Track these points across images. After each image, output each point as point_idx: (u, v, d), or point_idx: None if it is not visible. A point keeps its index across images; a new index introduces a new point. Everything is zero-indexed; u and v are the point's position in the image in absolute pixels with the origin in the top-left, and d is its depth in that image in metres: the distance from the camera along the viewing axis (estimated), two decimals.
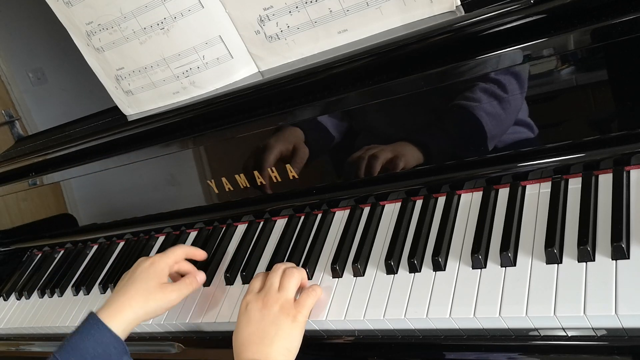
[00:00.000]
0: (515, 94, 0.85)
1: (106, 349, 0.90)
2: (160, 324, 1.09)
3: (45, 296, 1.35)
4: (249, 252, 1.12)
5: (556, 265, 0.78)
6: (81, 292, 1.30)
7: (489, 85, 0.86)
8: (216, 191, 1.18)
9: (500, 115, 0.87)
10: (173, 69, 1.11)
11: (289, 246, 1.07)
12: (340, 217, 1.07)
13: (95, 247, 1.43)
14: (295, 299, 0.91)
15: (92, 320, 0.92)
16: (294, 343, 0.87)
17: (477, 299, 0.80)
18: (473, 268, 0.84)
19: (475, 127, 0.89)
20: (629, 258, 0.74)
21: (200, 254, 1.09)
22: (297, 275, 0.94)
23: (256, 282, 0.96)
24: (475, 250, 0.85)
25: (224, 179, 1.15)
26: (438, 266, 0.87)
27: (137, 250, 1.30)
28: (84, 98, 1.30)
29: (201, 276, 1.04)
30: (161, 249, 1.27)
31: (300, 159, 1.06)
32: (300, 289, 0.95)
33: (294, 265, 0.99)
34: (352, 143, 1.01)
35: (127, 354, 0.92)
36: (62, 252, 1.49)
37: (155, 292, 0.96)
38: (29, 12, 1.26)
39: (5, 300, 1.45)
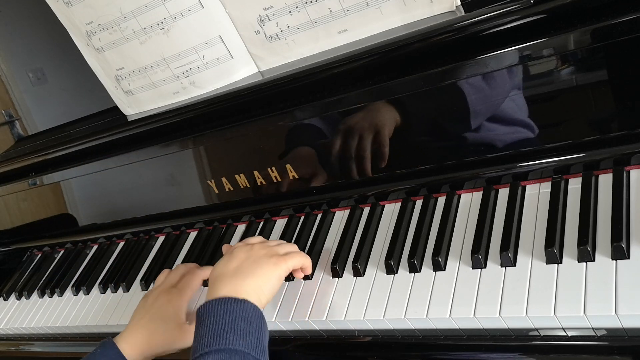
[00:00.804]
0: (515, 91, 0.85)
1: None
2: None
3: (45, 296, 1.35)
4: None
5: (556, 265, 0.78)
6: (81, 292, 1.30)
7: (489, 79, 0.85)
8: (216, 191, 1.18)
9: (494, 89, 0.86)
10: (173, 69, 1.11)
11: None
12: (340, 217, 1.07)
13: (95, 247, 1.43)
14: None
15: (110, 349, 0.93)
16: (268, 284, 0.86)
17: (477, 299, 0.80)
18: (473, 268, 0.84)
19: (476, 118, 0.88)
20: (629, 258, 0.74)
21: (204, 273, 1.08)
22: (295, 246, 0.95)
23: (253, 238, 0.97)
24: (475, 250, 0.85)
25: (224, 179, 1.15)
26: (438, 266, 0.87)
27: (137, 250, 1.30)
28: (84, 98, 1.30)
29: None
30: (161, 249, 1.27)
31: (299, 158, 1.06)
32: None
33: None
34: (353, 143, 1.01)
35: None
36: (62, 252, 1.49)
37: (174, 335, 0.96)
38: (29, 12, 1.26)
39: (5, 300, 1.45)
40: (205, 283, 1.09)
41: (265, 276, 0.87)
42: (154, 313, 0.98)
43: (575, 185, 0.86)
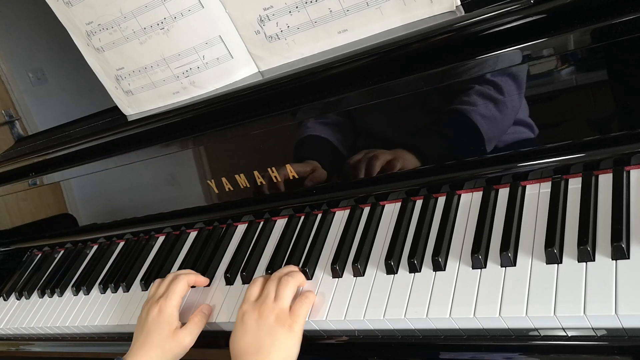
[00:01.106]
0: (513, 95, 0.85)
1: None
2: None
3: (45, 296, 1.35)
4: (249, 252, 1.12)
5: (556, 265, 0.78)
6: (81, 292, 1.30)
7: (486, 88, 0.86)
8: (216, 191, 1.18)
9: (496, 118, 0.87)
10: (173, 69, 1.11)
11: (289, 246, 1.07)
12: (340, 217, 1.07)
13: (95, 247, 1.43)
14: (290, 307, 0.92)
15: None
16: (291, 352, 0.88)
17: (477, 299, 0.80)
18: (473, 268, 0.84)
19: (472, 130, 0.89)
20: (629, 258, 0.74)
21: (202, 281, 1.09)
22: (292, 283, 0.94)
23: (253, 290, 0.96)
24: (475, 250, 0.85)
25: (224, 179, 1.15)
26: (438, 266, 0.87)
27: (137, 250, 1.30)
28: (84, 98, 1.30)
29: (208, 309, 1.04)
30: (161, 249, 1.27)
31: (300, 159, 1.07)
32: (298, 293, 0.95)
33: (290, 270, 0.99)
34: (352, 143, 1.01)
35: None
36: (62, 252, 1.49)
37: (170, 342, 0.99)
38: (29, 12, 1.26)
39: (5, 300, 1.45)
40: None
41: (285, 347, 0.88)
42: (149, 326, 1.01)
43: (575, 185, 0.86)
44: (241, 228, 1.19)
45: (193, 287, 1.11)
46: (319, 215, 1.09)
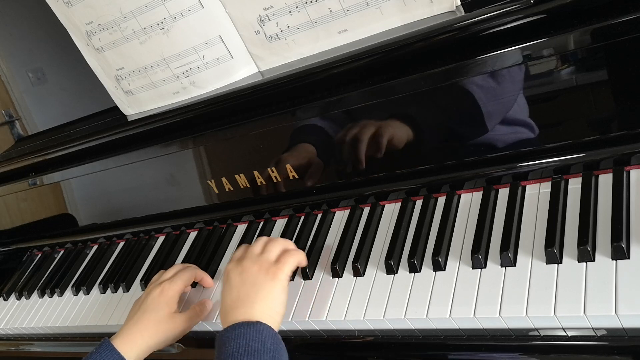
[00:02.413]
0: (515, 91, 0.85)
1: None
2: None
3: (45, 296, 1.36)
4: None
5: (556, 265, 0.78)
6: (81, 292, 1.30)
7: (489, 79, 0.86)
8: (216, 191, 1.18)
9: (500, 106, 0.86)
10: (173, 69, 1.11)
11: None
12: (340, 217, 1.07)
13: (95, 247, 1.43)
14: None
15: (106, 348, 0.94)
16: (276, 301, 0.87)
17: (477, 299, 0.80)
18: (473, 268, 0.84)
19: (476, 118, 0.88)
20: (629, 258, 0.74)
21: (208, 281, 1.09)
22: (282, 241, 0.94)
23: (239, 251, 0.96)
24: (475, 250, 0.85)
25: (224, 179, 1.15)
26: (438, 266, 0.87)
27: (137, 250, 1.30)
28: (84, 98, 1.30)
29: (209, 305, 1.04)
30: (161, 249, 1.27)
31: (299, 158, 1.06)
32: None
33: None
34: (353, 143, 1.01)
35: None
36: (62, 252, 1.49)
37: (166, 323, 0.98)
38: (29, 12, 1.26)
39: (5, 300, 1.45)
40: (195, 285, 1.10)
41: (270, 295, 0.87)
42: (147, 305, 0.99)
43: (575, 185, 0.86)
44: (241, 228, 1.19)
45: (195, 286, 1.11)
46: (319, 215, 1.09)
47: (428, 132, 0.95)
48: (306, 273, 0.98)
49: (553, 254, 0.78)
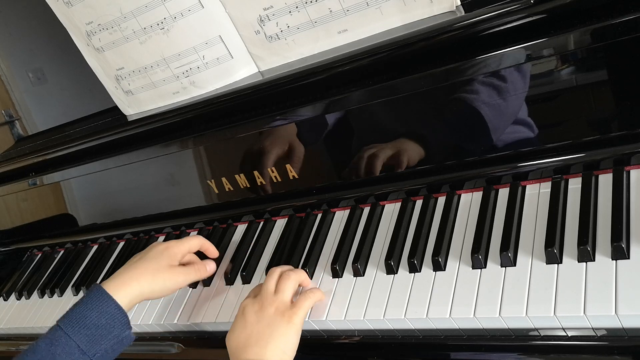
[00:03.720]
0: (517, 89, 0.85)
1: (110, 320, 0.89)
2: (160, 323, 1.09)
3: (45, 296, 1.36)
4: (249, 252, 1.12)
5: (556, 265, 0.78)
6: (81, 292, 1.30)
7: (488, 79, 0.86)
8: (216, 191, 1.18)
9: (500, 106, 0.87)
10: (173, 69, 1.11)
11: (289, 246, 1.07)
12: (340, 217, 1.07)
13: (95, 247, 1.43)
14: (293, 301, 0.91)
15: (97, 291, 0.92)
16: (289, 344, 0.87)
17: (477, 299, 0.80)
18: (473, 268, 0.84)
19: (476, 118, 0.89)
20: (629, 258, 0.74)
21: (213, 251, 1.09)
22: (294, 277, 0.94)
23: (255, 288, 0.96)
24: (475, 250, 0.85)
25: (224, 179, 1.15)
26: (438, 266, 0.87)
27: (137, 250, 1.30)
28: (84, 98, 1.30)
29: (211, 266, 1.04)
30: None
31: (299, 159, 1.07)
32: (300, 290, 0.95)
33: (291, 267, 0.99)
34: (352, 143, 1.01)
35: (129, 328, 0.92)
36: (62, 252, 1.49)
37: (164, 272, 0.97)
38: (29, 12, 1.26)
39: (5, 300, 1.45)
40: (205, 283, 1.09)
41: (284, 338, 0.87)
42: (148, 255, 0.99)
43: (575, 185, 0.86)
44: (241, 228, 1.19)
45: (195, 287, 1.11)
46: (319, 215, 1.09)
47: (428, 132, 0.95)
48: (306, 273, 0.98)
49: (553, 254, 0.78)
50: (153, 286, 0.96)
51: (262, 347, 0.86)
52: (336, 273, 0.96)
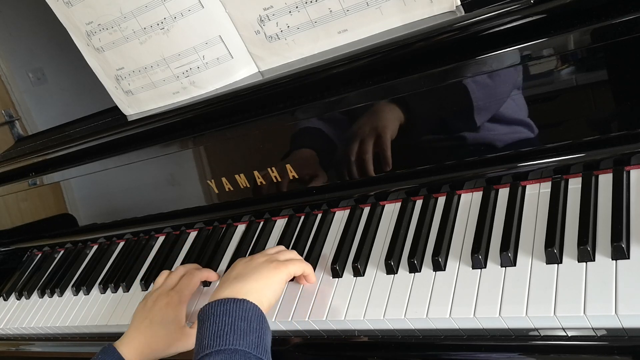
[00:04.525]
0: (514, 91, 0.85)
1: None
2: None
3: (45, 296, 1.35)
4: (248, 252, 1.12)
5: (556, 265, 0.78)
6: (81, 292, 1.30)
7: (489, 79, 0.86)
8: (216, 191, 1.18)
9: (494, 89, 0.86)
10: (173, 69, 1.11)
11: (289, 246, 1.07)
12: (340, 217, 1.07)
13: (95, 247, 1.43)
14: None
15: (112, 356, 0.93)
16: (271, 288, 0.87)
17: (477, 299, 0.80)
18: (473, 268, 0.84)
19: (470, 102, 0.88)
20: (629, 258, 0.74)
21: (213, 276, 1.09)
22: (295, 253, 0.95)
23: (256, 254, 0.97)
24: (475, 250, 0.85)
25: (224, 179, 1.15)
26: (438, 266, 0.87)
27: (137, 250, 1.30)
28: (84, 98, 1.30)
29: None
30: (161, 249, 1.27)
31: (299, 158, 1.07)
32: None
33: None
34: (353, 143, 1.01)
35: None
36: (62, 252, 1.49)
37: (175, 338, 0.96)
38: (29, 12, 1.26)
39: (5, 300, 1.45)
40: (204, 284, 1.09)
41: (265, 279, 0.87)
42: (154, 316, 0.98)
43: (575, 185, 0.86)
44: (241, 228, 1.19)
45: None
46: (319, 215, 1.09)
47: (428, 132, 0.95)
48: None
49: (553, 254, 0.78)
50: (167, 352, 0.97)
51: (241, 282, 0.85)
52: (336, 273, 0.96)
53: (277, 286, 0.88)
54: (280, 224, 1.14)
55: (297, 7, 0.96)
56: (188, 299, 1.02)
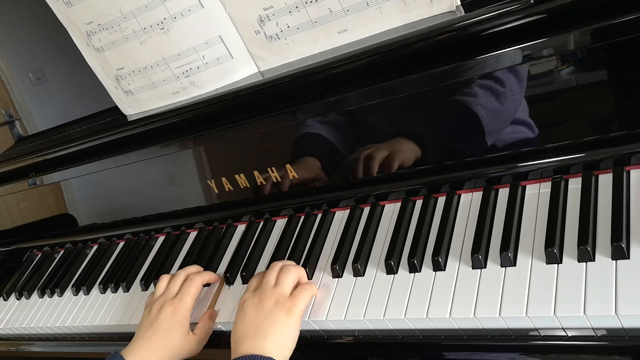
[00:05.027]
0: (514, 93, 0.85)
1: None
2: None
3: (45, 296, 1.35)
4: (249, 252, 1.12)
5: (556, 265, 0.78)
6: (81, 292, 1.30)
7: (487, 82, 0.86)
8: (216, 191, 1.18)
9: (498, 110, 0.87)
10: (173, 69, 1.11)
11: (289, 246, 1.07)
12: (340, 217, 1.07)
13: (95, 247, 1.43)
14: (291, 294, 0.92)
15: None
16: (289, 336, 0.87)
17: (477, 299, 0.80)
18: (473, 268, 0.84)
19: (473, 121, 0.89)
20: (629, 258, 0.74)
21: (214, 278, 1.09)
22: (294, 271, 0.94)
23: (254, 281, 0.97)
24: (475, 250, 0.85)
25: (224, 179, 1.15)
26: (438, 266, 0.87)
27: (137, 250, 1.30)
28: (84, 98, 1.30)
29: (214, 315, 1.04)
30: (161, 249, 1.27)
31: (299, 158, 1.07)
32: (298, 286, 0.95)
33: (292, 263, 0.99)
34: (352, 143, 1.01)
35: None
36: (62, 252, 1.49)
37: (180, 345, 0.98)
38: (29, 12, 1.26)
39: (5, 300, 1.45)
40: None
41: (283, 329, 0.88)
42: (159, 325, 0.99)
43: (575, 185, 0.86)
44: (241, 228, 1.19)
45: None
46: (319, 215, 1.09)
47: (428, 132, 0.95)
48: (306, 273, 0.98)
49: (553, 254, 0.78)
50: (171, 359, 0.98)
51: (261, 338, 0.86)
52: (336, 273, 0.96)
53: (294, 331, 0.89)
54: (280, 224, 1.14)
55: (297, 7, 0.96)
56: (192, 305, 1.02)
